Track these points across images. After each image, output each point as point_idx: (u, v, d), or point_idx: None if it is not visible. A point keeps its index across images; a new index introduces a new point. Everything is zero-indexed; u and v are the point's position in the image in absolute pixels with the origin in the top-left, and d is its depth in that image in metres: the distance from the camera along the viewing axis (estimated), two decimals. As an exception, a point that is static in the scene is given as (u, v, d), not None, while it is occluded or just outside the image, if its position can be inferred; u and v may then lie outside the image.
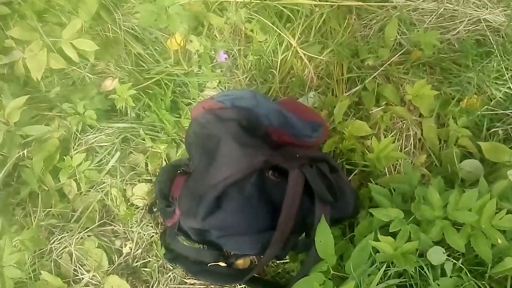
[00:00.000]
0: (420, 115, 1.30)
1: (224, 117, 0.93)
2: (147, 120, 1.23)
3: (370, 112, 1.29)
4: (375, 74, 1.35)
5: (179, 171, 1.09)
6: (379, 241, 0.90)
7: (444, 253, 0.89)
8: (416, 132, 1.28)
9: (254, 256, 1.13)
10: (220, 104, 0.96)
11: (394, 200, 1.02)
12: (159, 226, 1.15)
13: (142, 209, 1.14)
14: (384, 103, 1.31)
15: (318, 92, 1.36)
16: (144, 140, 1.21)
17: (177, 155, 1.19)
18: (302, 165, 0.95)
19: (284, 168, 0.95)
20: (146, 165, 1.21)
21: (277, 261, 1.11)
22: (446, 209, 0.91)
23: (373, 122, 1.26)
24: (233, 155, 0.88)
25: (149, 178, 1.18)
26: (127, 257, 1.10)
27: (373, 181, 1.14)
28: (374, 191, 1.02)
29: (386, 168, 1.18)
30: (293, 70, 1.40)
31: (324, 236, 0.92)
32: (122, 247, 1.12)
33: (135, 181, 1.18)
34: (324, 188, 0.95)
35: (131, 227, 1.12)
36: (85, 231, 1.10)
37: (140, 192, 1.16)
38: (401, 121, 1.30)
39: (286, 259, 1.08)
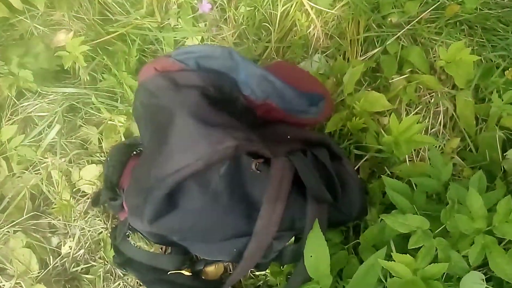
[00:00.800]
0: (454, 87, 1.02)
1: (182, 82, 0.67)
2: (103, 85, 0.96)
3: (390, 81, 1.01)
4: (399, 33, 1.07)
5: (135, 152, 0.84)
6: (393, 260, 0.64)
7: (483, 281, 0.63)
8: (447, 108, 1.00)
9: (229, 263, 0.88)
10: (179, 64, 0.69)
11: (416, 199, 0.75)
12: (111, 219, 0.90)
13: (90, 198, 0.90)
14: (408, 70, 1.03)
15: (326, 55, 1.08)
16: (99, 110, 0.95)
17: (141, 130, 0.93)
18: (291, 151, 0.69)
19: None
20: (100, 141, 0.95)
21: (257, 272, 0.86)
22: (491, 220, 0.64)
23: (393, 94, 0.99)
24: (189, 137, 0.62)
25: (102, 158, 0.93)
26: (66, 259, 0.87)
27: (388, 170, 0.88)
28: (389, 187, 0.76)
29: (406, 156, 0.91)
30: (296, 27, 1.12)
31: (317, 249, 0.67)
32: (60, 247, 0.88)
33: (85, 161, 0.93)
34: (321, 183, 0.69)
35: (74, 220, 0.88)
36: (11, 224, 0.86)
37: (90, 176, 0.91)
38: (429, 94, 1.02)
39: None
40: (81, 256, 0.87)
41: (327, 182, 0.71)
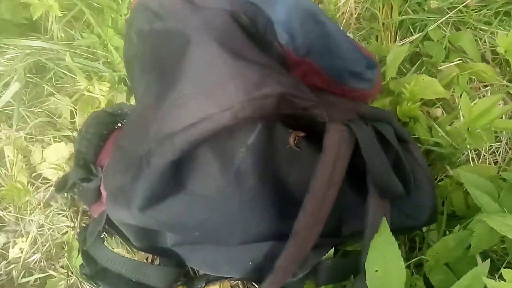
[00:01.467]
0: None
1: (201, 3, 0.46)
2: (81, 44, 0.75)
3: (439, 68, 0.82)
4: (442, 19, 0.90)
5: (119, 124, 0.62)
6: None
7: None
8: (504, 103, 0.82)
9: (239, 282, 0.66)
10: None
11: (504, 200, 0.55)
12: (80, 216, 0.67)
13: (53, 186, 0.66)
14: (457, 59, 0.85)
15: (360, 35, 0.90)
16: (74, 77, 0.73)
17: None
18: (351, 120, 0.48)
19: (316, 125, 0.48)
20: (73, 115, 0.73)
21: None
22: None
23: (444, 83, 0.80)
24: (212, 75, 0.41)
25: (74, 135, 0.70)
26: (14, 265, 0.62)
27: (449, 170, 0.68)
28: (469, 184, 0.55)
29: (470, 152, 0.72)
30: (323, 2, 0.94)
31: (386, 262, 0.45)
32: (7, 248, 0.64)
33: (50, 138, 0.69)
34: (390, 167, 0.48)
35: (30, 213, 0.64)
36: None
37: (56, 157, 0.68)
38: (483, 87, 0.83)
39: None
40: (36, 262, 0.62)
41: (395, 172, 0.50)
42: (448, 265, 0.55)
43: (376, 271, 0.45)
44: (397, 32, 0.93)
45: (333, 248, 0.58)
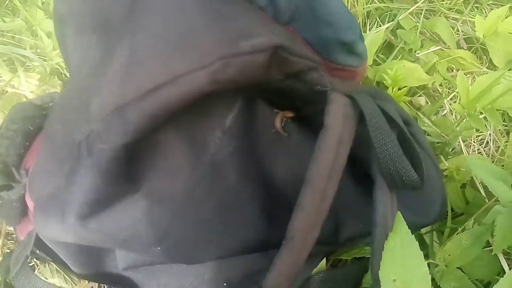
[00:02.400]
0: (490, 67, 0.79)
1: None
2: (3, 29, 0.61)
3: (416, 55, 0.75)
4: (411, 8, 0.84)
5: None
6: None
7: None
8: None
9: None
10: None
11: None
12: (2, 239, 0.52)
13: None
14: (432, 47, 0.78)
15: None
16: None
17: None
18: (353, 91, 0.38)
19: (309, 101, 0.37)
20: (-7, 114, 0.58)
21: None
22: None
23: (425, 70, 0.73)
24: (181, 19, 0.29)
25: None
26: None
27: (444, 161, 0.60)
28: (479, 171, 0.47)
29: (460, 142, 0.64)
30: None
31: (405, 268, 0.36)
32: None
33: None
34: (400, 150, 0.39)
35: None
36: None
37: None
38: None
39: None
40: None
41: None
42: (462, 268, 0.46)
43: (394, 280, 0.35)
44: (365, 23, 0.86)
45: (325, 258, 0.48)
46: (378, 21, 0.86)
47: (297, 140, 0.41)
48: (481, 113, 0.58)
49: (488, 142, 0.69)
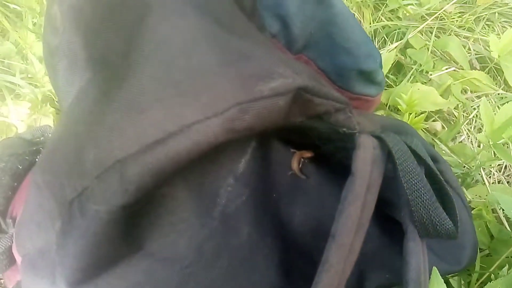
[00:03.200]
0: (506, 88, 0.76)
1: None
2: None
3: (429, 77, 0.72)
4: (421, 26, 0.81)
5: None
6: None
7: None
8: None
9: None
10: None
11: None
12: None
13: None
14: (445, 67, 0.75)
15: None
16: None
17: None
18: (379, 131, 0.34)
19: (328, 141, 0.33)
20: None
21: None
22: None
23: (440, 92, 0.69)
24: (191, 58, 0.25)
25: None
26: None
27: (467, 193, 0.56)
28: (506, 204, 0.43)
29: (482, 171, 0.60)
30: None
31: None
32: None
33: None
34: (434, 195, 0.34)
35: None
36: None
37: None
38: (476, 98, 0.74)
39: None
40: None
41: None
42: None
43: None
44: (372, 42, 0.83)
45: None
46: (386, 40, 0.83)
47: (316, 182, 0.36)
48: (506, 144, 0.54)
49: (506, 166, 0.65)
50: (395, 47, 0.76)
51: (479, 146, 0.65)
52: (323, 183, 0.37)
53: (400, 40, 0.79)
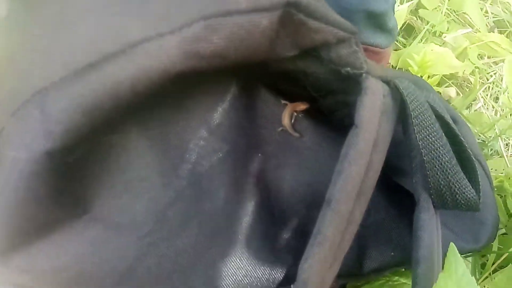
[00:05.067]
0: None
1: None
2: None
3: (443, 38, 0.65)
4: (434, -15, 0.73)
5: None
6: None
7: None
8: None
9: None
10: None
11: None
12: None
13: None
14: (460, 30, 0.68)
15: None
16: None
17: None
18: (387, 78, 0.27)
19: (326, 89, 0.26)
20: None
21: None
22: None
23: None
24: None
25: None
26: None
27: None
28: None
29: (501, 142, 0.54)
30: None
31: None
32: None
33: None
34: (454, 156, 0.28)
35: None
36: None
37: None
38: (493, 64, 0.67)
39: None
40: None
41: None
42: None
43: None
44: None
45: (341, 291, 0.38)
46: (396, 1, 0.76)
47: (311, 142, 0.30)
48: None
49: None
50: (406, 8, 0.68)
51: (495, 114, 0.58)
52: (319, 142, 0.30)
53: (411, 0, 0.72)
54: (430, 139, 0.26)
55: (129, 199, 0.23)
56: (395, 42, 0.67)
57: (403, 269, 0.39)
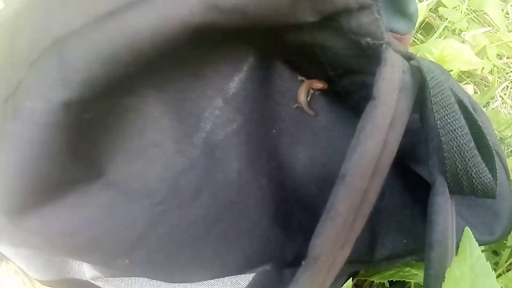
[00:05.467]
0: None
1: None
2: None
3: (462, 36, 0.64)
4: (455, -16, 0.72)
5: None
6: None
7: None
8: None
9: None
10: None
11: None
12: None
13: None
14: (480, 28, 0.67)
15: None
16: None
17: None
18: (408, 55, 0.27)
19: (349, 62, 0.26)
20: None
21: None
22: None
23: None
24: None
25: None
26: None
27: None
28: None
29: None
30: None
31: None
32: None
33: None
34: (471, 137, 0.27)
35: None
36: None
37: None
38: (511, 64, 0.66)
39: None
40: None
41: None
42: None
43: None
44: None
45: (350, 279, 0.37)
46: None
47: (326, 121, 0.30)
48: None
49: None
50: (426, 6, 0.68)
51: (514, 114, 0.57)
52: (335, 122, 0.30)
53: (430, -1, 0.71)
54: (448, 119, 0.26)
55: (143, 165, 0.23)
56: (414, 38, 0.66)
57: (414, 262, 0.38)
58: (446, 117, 0.26)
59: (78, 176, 0.22)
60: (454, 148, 0.26)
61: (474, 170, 0.27)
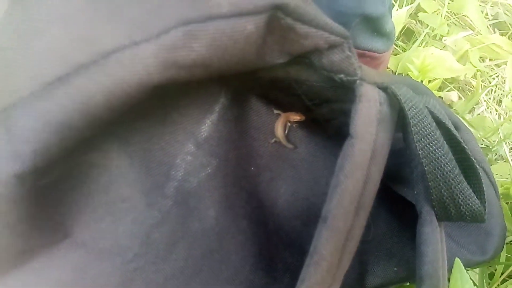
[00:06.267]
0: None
1: None
2: None
3: (443, 42, 0.63)
4: (432, -11, 0.72)
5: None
6: None
7: None
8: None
9: None
10: None
11: None
12: None
13: None
14: (461, 32, 0.66)
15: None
16: None
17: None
18: (384, 85, 0.26)
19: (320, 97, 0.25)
20: None
21: None
22: None
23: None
24: None
25: None
26: None
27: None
28: None
29: (505, 146, 0.52)
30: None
31: None
32: None
33: None
34: (457, 166, 0.26)
35: None
36: None
37: None
38: (495, 66, 0.65)
39: None
40: None
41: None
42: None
43: None
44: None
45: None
46: (394, 4, 0.74)
47: (306, 153, 0.29)
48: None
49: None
50: (405, 12, 0.67)
51: (499, 118, 0.57)
52: (315, 153, 0.29)
53: (410, 4, 0.71)
54: (430, 148, 0.25)
55: (111, 222, 0.22)
56: (395, 46, 0.65)
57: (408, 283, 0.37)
58: (428, 145, 0.25)
59: (43, 241, 0.21)
60: (439, 177, 0.25)
61: (461, 197, 0.26)
